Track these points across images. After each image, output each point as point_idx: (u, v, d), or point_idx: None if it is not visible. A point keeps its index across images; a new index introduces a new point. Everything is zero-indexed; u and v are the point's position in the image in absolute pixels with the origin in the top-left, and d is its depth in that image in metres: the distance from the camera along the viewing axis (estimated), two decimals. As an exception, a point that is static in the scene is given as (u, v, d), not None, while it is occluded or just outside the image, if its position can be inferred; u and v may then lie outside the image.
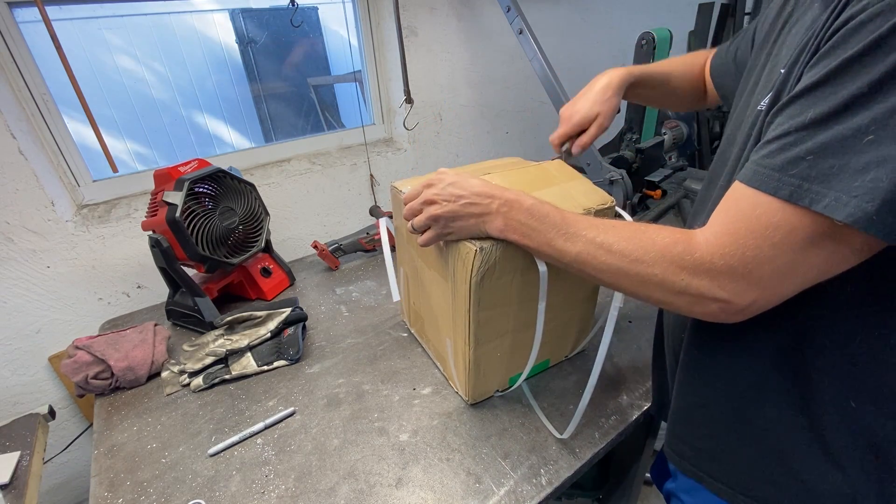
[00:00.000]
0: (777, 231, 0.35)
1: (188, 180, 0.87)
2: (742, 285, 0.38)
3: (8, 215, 0.91)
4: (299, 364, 0.84)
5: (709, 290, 0.39)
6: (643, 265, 0.43)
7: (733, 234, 0.38)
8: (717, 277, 0.39)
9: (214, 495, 0.61)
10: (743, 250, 0.37)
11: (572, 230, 0.48)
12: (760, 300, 0.38)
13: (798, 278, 0.37)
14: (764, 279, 0.37)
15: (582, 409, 0.62)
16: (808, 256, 0.35)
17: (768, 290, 0.38)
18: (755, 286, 0.38)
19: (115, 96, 1.10)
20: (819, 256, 0.35)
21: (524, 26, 1.13)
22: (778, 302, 0.39)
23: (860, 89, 0.31)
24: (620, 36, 1.78)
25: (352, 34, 1.31)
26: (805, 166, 0.33)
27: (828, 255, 0.35)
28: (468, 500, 0.58)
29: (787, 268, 0.36)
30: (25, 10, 0.90)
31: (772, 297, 0.38)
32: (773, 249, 0.36)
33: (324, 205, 1.31)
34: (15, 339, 1.00)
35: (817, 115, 0.33)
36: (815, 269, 0.36)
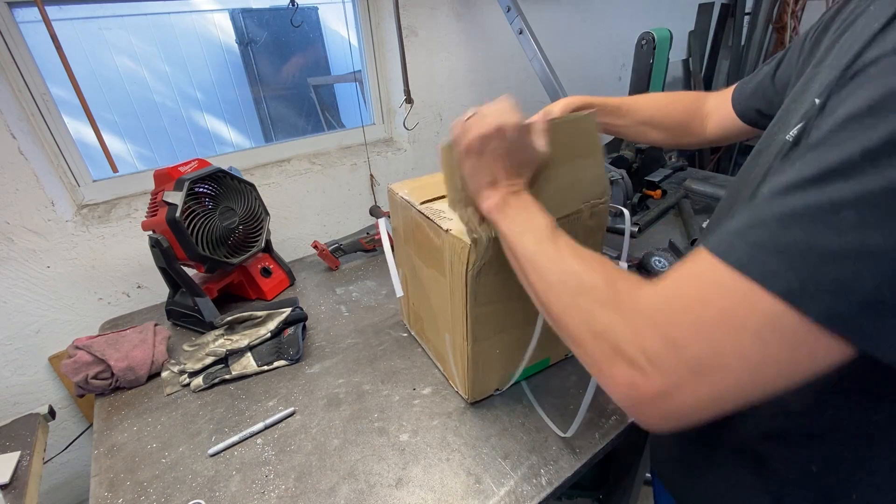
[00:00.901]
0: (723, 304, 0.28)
1: (188, 180, 0.87)
2: (667, 353, 0.30)
3: (8, 215, 0.91)
4: (299, 364, 0.84)
5: (628, 342, 0.32)
6: (583, 279, 0.37)
7: (676, 291, 0.31)
8: (642, 330, 0.31)
9: (214, 495, 0.61)
10: (680, 312, 0.30)
11: (537, 234, 0.45)
12: (687, 390, 0.29)
13: (747, 372, 0.28)
14: (697, 358, 0.29)
15: (585, 408, 0.62)
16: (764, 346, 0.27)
17: (701, 378, 0.29)
18: (683, 363, 0.29)
19: (115, 96, 1.10)
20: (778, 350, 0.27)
21: (524, 26, 1.13)
22: (717, 406, 0.30)
23: (851, 155, 0.25)
24: (620, 36, 1.78)
25: (352, 34, 1.31)
26: (764, 232, 0.27)
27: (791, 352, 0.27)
28: (468, 500, 0.58)
29: (729, 351, 0.28)
30: (25, 10, 0.90)
31: (704, 390, 0.29)
32: (713, 323, 0.28)
33: (324, 205, 1.31)
34: (15, 339, 1.00)
35: (795, 179, 0.27)
36: (774, 367, 0.28)
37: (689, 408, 0.30)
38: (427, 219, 0.64)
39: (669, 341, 0.30)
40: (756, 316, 0.27)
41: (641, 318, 0.32)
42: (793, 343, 0.26)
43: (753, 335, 0.27)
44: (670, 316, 0.30)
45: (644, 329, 0.31)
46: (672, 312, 0.30)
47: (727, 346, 0.28)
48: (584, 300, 0.36)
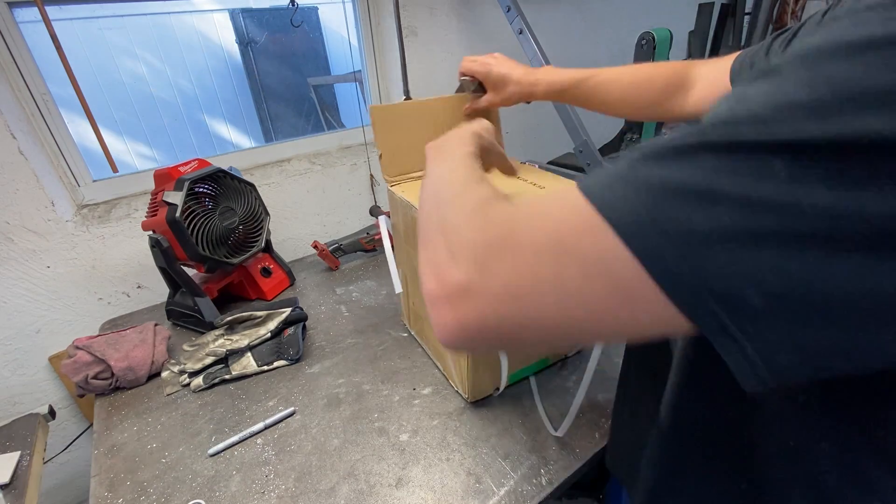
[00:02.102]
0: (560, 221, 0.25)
1: (188, 180, 0.87)
2: (487, 253, 0.27)
3: (8, 215, 0.91)
4: (299, 364, 0.84)
5: (461, 238, 0.29)
6: (453, 192, 0.34)
7: (529, 202, 0.29)
8: (478, 226, 0.29)
9: (214, 495, 0.61)
10: (521, 219, 0.27)
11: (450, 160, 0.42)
12: (489, 295, 0.26)
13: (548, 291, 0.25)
14: (514, 268, 0.26)
15: (576, 406, 0.62)
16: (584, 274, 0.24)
17: (507, 289, 0.26)
18: (497, 265, 0.26)
19: (115, 96, 1.10)
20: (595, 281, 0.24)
21: (524, 26, 1.13)
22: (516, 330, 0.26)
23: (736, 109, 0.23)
24: (620, 36, 1.78)
25: (352, 34, 1.31)
26: (624, 166, 0.25)
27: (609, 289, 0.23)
28: (468, 500, 0.58)
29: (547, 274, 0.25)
30: (25, 10, 0.90)
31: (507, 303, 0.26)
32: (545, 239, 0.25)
33: (324, 205, 1.31)
34: (15, 339, 1.00)
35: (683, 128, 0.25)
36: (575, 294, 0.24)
37: (486, 318, 0.26)
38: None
39: (494, 243, 0.27)
40: (585, 242, 0.24)
41: (485, 217, 0.29)
42: (606, 276, 0.23)
43: (577, 261, 0.24)
44: (509, 221, 0.28)
45: (480, 227, 0.29)
46: (513, 219, 0.28)
47: (548, 267, 0.25)
48: (448, 201, 0.33)
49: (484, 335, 0.27)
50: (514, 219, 0.28)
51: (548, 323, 0.25)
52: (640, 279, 0.22)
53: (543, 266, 0.25)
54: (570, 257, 0.24)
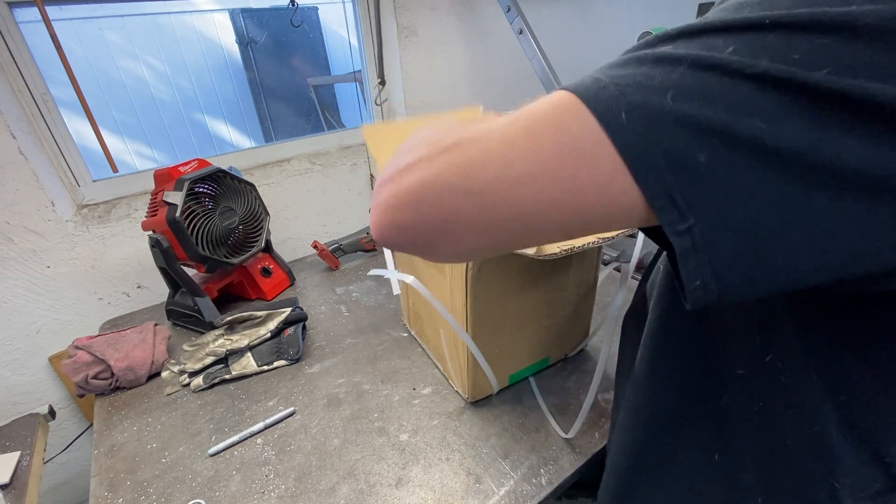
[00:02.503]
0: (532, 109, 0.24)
1: (188, 180, 0.87)
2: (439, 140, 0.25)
3: (8, 215, 0.91)
4: (299, 364, 0.84)
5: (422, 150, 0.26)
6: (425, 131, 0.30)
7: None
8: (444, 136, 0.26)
9: (214, 495, 0.61)
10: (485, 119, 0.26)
11: None
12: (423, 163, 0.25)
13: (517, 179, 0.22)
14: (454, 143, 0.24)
15: (586, 409, 0.62)
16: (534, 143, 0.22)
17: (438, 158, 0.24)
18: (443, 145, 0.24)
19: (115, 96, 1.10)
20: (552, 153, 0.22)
21: (524, 26, 1.13)
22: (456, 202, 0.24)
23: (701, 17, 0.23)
24: (620, 36, 1.78)
25: (352, 34, 1.31)
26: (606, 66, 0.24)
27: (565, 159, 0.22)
28: (468, 500, 0.58)
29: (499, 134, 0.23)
30: (25, 10, 0.90)
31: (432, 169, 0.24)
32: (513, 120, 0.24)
33: (324, 205, 1.31)
34: (15, 339, 1.00)
35: None
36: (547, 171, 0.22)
37: (425, 183, 0.24)
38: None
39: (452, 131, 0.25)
40: (542, 107, 0.23)
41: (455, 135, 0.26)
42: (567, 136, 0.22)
43: (529, 122, 0.23)
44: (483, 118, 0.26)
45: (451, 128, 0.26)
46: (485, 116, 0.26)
47: (500, 131, 0.23)
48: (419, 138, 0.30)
49: (419, 207, 0.25)
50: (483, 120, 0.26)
51: (492, 192, 0.23)
52: (596, 137, 0.21)
53: (496, 132, 0.23)
54: (523, 121, 0.23)
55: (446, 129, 0.27)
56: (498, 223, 0.24)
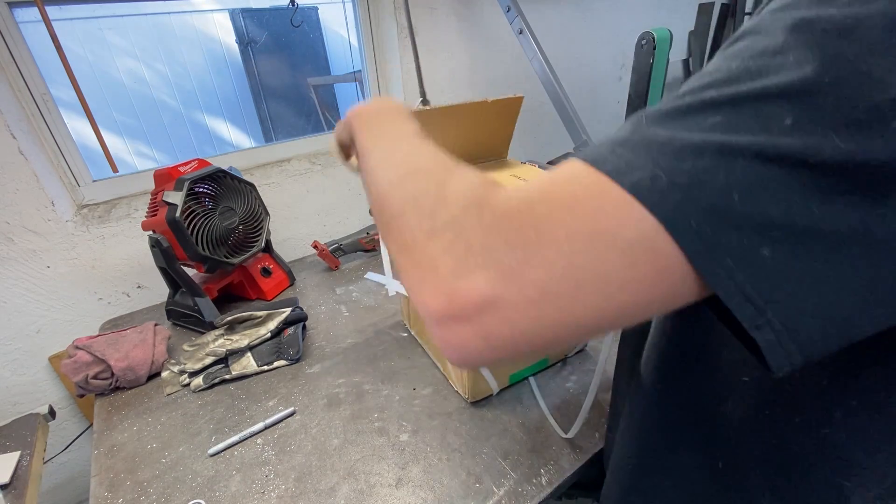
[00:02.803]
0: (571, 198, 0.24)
1: (188, 180, 0.87)
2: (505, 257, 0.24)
3: (8, 215, 0.91)
4: (299, 364, 0.84)
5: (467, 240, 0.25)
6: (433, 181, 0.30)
7: (538, 188, 0.25)
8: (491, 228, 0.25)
9: (214, 495, 0.61)
10: (536, 206, 0.25)
11: (401, 133, 0.38)
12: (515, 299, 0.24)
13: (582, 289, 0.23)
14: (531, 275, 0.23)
15: (586, 409, 0.62)
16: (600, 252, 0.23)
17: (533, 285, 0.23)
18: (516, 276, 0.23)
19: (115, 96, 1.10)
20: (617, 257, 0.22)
21: (524, 26, 1.13)
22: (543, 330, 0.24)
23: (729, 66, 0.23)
24: (620, 36, 1.78)
25: (352, 34, 1.31)
26: (626, 131, 0.25)
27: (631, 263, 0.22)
28: (468, 500, 0.58)
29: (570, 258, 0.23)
30: (25, 10, 0.90)
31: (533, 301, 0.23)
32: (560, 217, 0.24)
33: (324, 205, 1.31)
34: (15, 339, 1.00)
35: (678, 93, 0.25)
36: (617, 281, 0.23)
37: (519, 328, 0.24)
38: None
39: (516, 241, 0.24)
40: (618, 223, 0.22)
41: (494, 213, 0.26)
42: (642, 253, 0.22)
43: (609, 242, 0.23)
44: (528, 213, 0.25)
45: (493, 226, 0.25)
46: (531, 209, 0.25)
47: (586, 257, 0.23)
48: (422, 187, 0.29)
49: (515, 347, 0.25)
50: (529, 210, 0.25)
51: (588, 317, 0.24)
52: (668, 246, 0.21)
53: (581, 257, 0.23)
54: (606, 242, 0.22)
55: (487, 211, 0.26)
56: (594, 331, 0.25)
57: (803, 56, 0.20)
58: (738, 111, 0.21)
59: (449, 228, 0.26)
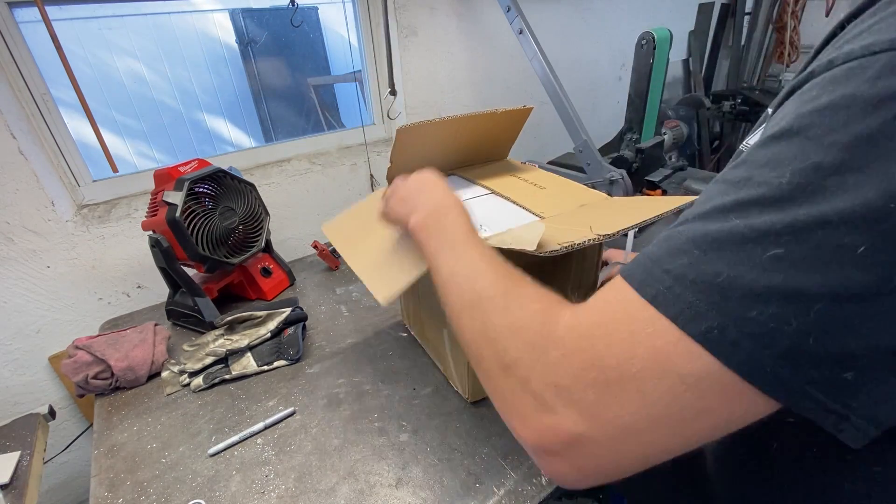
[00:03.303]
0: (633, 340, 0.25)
1: (188, 180, 0.87)
2: (584, 395, 0.26)
3: (8, 215, 0.91)
4: (299, 364, 0.84)
5: (539, 377, 0.27)
6: (495, 312, 0.32)
7: (599, 321, 0.27)
8: (558, 365, 0.27)
9: (214, 495, 0.61)
10: (602, 347, 0.26)
11: (459, 249, 0.40)
12: (597, 437, 0.25)
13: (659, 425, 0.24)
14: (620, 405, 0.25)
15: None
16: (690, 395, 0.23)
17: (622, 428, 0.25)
18: (603, 408, 0.25)
19: (115, 96, 1.10)
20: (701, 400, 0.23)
21: (524, 26, 1.13)
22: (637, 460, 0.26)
23: (779, 181, 0.22)
24: (620, 36, 1.78)
25: (352, 34, 1.31)
26: (682, 261, 0.24)
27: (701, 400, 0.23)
28: (468, 500, 0.58)
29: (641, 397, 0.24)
30: (25, 10, 0.90)
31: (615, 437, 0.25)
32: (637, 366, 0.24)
33: (324, 205, 1.31)
34: (15, 339, 1.00)
35: (719, 202, 0.24)
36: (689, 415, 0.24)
37: (606, 462, 0.26)
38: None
39: (587, 380, 0.26)
40: (682, 362, 0.23)
41: (558, 351, 0.27)
42: (712, 392, 0.23)
43: (676, 382, 0.23)
44: (591, 351, 0.26)
45: (561, 365, 0.27)
46: (593, 347, 0.26)
47: (657, 396, 0.24)
48: (497, 327, 0.32)
49: (606, 475, 0.27)
50: (591, 347, 0.26)
51: (666, 446, 0.26)
52: (742, 386, 0.22)
53: (652, 397, 0.24)
54: (674, 381, 0.24)
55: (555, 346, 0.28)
56: (665, 456, 0.27)
57: (864, 178, 0.20)
58: (800, 243, 0.21)
59: (520, 365, 0.29)
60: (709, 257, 0.23)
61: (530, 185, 0.72)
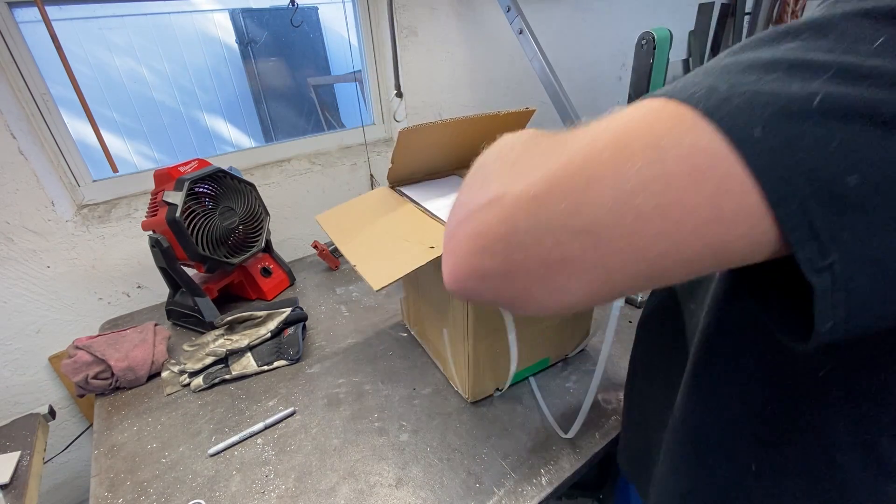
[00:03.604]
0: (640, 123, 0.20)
1: (188, 180, 0.87)
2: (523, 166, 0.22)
3: (8, 215, 0.91)
4: (299, 364, 0.84)
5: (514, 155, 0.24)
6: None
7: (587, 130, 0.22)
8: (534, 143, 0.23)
9: (214, 495, 0.61)
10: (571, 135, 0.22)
11: None
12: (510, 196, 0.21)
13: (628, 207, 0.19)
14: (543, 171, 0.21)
15: (586, 409, 0.62)
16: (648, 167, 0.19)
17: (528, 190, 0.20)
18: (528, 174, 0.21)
19: (115, 96, 1.10)
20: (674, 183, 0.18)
21: (524, 26, 1.13)
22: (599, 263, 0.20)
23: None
24: (620, 36, 1.78)
25: (352, 34, 1.31)
26: (706, 66, 0.21)
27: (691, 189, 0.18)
28: (468, 500, 0.58)
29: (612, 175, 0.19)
30: (25, 10, 0.90)
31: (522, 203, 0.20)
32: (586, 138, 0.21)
33: (324, 205, 1.30)
34: (15, 339, 1.00)
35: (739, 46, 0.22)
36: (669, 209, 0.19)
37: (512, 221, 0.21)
38: (431, 217, 0.65)
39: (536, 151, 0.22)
40: (657, 123, 0.19)
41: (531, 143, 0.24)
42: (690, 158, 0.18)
43: (641, 139, 0.19)
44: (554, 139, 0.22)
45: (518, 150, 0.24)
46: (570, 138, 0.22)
47: (605, 151, 0.19)
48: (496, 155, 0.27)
49: (510, 251, 0.21)
50: (561, 137, 0.22)
51: (608, 228, 0.19)
52: (726, 159, 0.18)
53: (597, 149, 0.19)
54: (632, 138, 0.19)
55: (521, 148, 0.24)
56: (615, 266, 0.20)
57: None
58: (820, 33, 0.19)
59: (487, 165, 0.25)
60: (726, 57, 0.21)
61: None
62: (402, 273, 0.55)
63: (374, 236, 0.65)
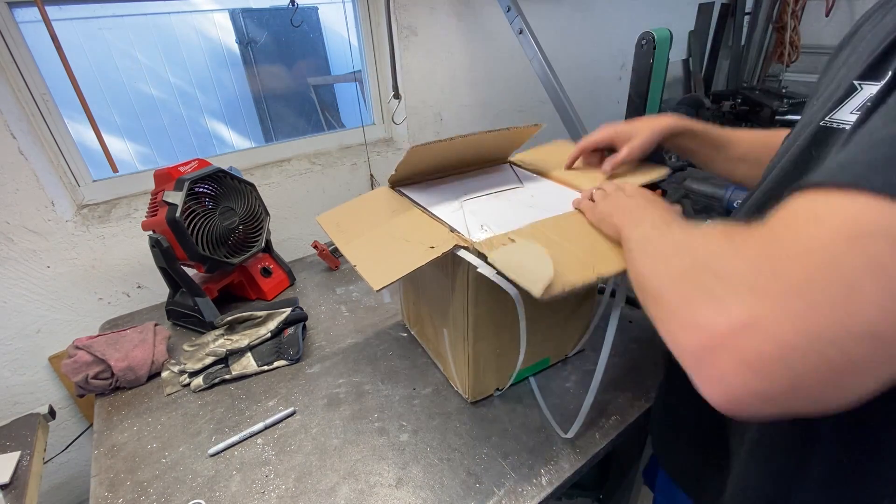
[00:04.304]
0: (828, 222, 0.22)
1: (188, 180, 0.87)
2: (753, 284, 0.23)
3: (8, 215, 0.91)
4: (299, 364, 0.84)
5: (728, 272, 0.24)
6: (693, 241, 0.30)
7: (773, 230, 0.24)
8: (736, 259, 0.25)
9: (214, 495, 0.61)
10: (774, 242, 0.23)
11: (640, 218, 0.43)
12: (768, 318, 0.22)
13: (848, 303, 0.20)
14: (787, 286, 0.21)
15: (586, 409, 0.62)
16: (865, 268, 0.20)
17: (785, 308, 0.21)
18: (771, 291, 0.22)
19: (115, 96, 1.10)
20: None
21: (524, 26, 1.13)
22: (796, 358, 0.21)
23: None
24: (620, 36, 1.78)
25: (352, 34, 1.31)
26: (881, 149, 0.22)
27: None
28: (468, 500, 0.58)
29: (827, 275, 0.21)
30: (25, 10, 0.90)
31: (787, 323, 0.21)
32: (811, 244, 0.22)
33: (324, 205, 1.30)
34: (15, 339, 1.00)
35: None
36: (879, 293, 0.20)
37: (785, 344, 0.21)
38: (431, 217, 0.65)
39: (766, 261, 0.23)
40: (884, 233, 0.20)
41: (743, 243, 0.25)
42: None
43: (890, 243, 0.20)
44: (771, 240, 0.24)
45: (736, 252, 0.25)
46: (772, 236, 0.24)
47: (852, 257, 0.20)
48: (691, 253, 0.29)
49: (792, 371, 0.21)
50: (774, 235, 0.24)
51: (880, 326, 0.20)
52: None
53: (844, 259, 0.20)
54: (874, 241, 0.20)
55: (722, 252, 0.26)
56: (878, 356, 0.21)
57: None
58: None
59: (700, 269, 0.26)
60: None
61: None
62: (403, 273, 0.55)
63: (375, 236, 0.65)
